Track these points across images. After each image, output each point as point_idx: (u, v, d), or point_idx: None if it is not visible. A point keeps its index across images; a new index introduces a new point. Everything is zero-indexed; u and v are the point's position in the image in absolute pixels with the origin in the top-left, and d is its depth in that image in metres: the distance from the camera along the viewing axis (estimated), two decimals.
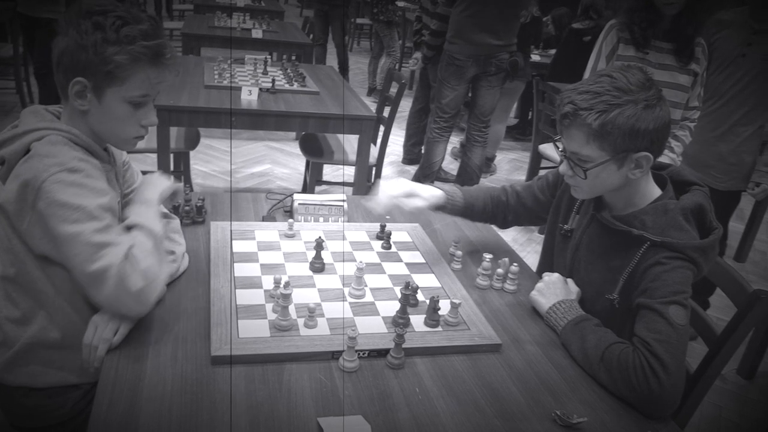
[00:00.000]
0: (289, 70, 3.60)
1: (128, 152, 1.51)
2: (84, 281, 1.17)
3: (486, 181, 5.03)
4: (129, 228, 1.26)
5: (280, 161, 4.78)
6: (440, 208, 1.66)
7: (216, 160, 4.62)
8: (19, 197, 1.17)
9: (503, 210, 1.73)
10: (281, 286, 1.29)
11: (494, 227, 1.87)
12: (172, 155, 3.49)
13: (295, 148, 3.69)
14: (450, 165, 5.04)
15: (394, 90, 3.55)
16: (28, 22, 4.28)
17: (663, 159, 2.37)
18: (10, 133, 1.23)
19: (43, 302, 1.27)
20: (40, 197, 1.15)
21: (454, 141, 5.20)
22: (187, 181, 3.72)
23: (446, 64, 3.90)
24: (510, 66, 3.88)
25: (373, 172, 3.52)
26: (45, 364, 1.29)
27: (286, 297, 1.27)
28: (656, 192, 1.42)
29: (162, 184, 1.45)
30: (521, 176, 5.11)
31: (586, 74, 2.47)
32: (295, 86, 3.32)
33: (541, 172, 1.89)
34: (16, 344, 1.27)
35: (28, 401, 1.32)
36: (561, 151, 1.40)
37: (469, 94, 4.22)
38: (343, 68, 6.69)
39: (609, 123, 1.27)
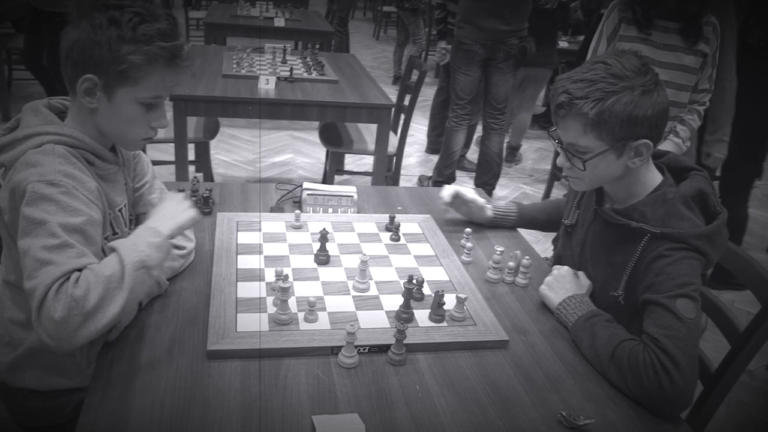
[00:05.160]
0: (308, 59, 3.57)
1: None
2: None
3: (511, 171, 4.94)
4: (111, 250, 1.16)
5: (302, 151, 4.76)
6: (492, 220, 1.78)
7: (238, 150, 4.63)
8: (11, 204, 1.14)
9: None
10: (281, 279, 1.26)
11: None
12: (193, 146, 3.50)
13: (318, 137, 3.66)
14: (475, 155, 4.95)
15: (415, 78, 3.49)
16: (34, 16, 4.26)
17: (669, 146, 2.28)
18: (10, 137, 1.18)
19: None
20: (22, 204, 1.10)
21: (480, 130, 5.10)
22: (207, 171, 3.72)
23: (456, 50, 3.84)
24: (519, 52, 3.78)
25: (394, 161, 3.47)
26: (47, 369, 1.27)
27: (285, 291, 1.24)
28: (658, 179, 1.36)
29: (183, 215, 1.25)
30: (548, 166, 5.00)
31: (589, 57, 2.36)
32: (314, 75, 3.29)
33: None
34: (21, 346, 1.25)
35: (30, 403, 1.31)
36: (557, 142, 1.35)
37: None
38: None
39: (606, 111, 1.22)
